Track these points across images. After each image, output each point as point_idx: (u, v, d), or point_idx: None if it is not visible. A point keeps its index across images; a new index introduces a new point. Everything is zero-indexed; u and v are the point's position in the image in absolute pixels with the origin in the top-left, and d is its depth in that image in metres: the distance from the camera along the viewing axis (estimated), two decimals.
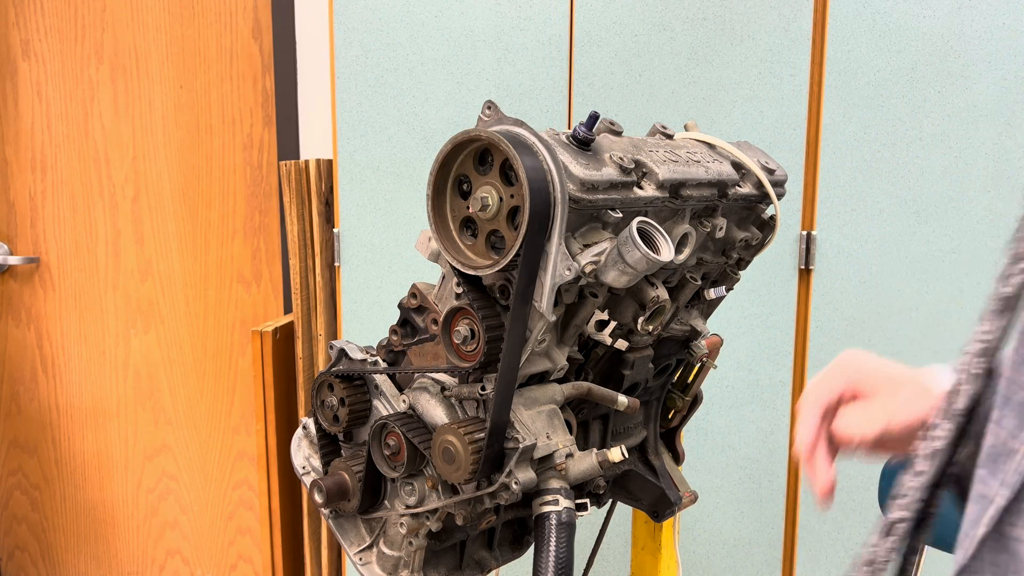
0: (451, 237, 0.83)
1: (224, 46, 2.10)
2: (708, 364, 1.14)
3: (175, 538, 2.34)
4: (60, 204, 2.22)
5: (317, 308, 1.83)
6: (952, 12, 1.50)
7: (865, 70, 1.54)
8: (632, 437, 1.13)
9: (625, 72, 1.63)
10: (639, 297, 0.89)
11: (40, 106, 2.18)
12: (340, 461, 1.00)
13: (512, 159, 0.75)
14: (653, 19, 1.60)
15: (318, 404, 0.99)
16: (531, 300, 0.80)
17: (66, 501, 2.37)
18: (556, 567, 0.84)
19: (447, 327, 0.87)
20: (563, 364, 0.91)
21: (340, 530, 1.04)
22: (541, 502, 0.87)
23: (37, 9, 2.14)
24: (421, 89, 1.71)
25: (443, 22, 1.68)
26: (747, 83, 1.58)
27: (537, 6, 1.64)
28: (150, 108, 2.15)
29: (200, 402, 2.26)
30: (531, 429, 0.87)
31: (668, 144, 0.94)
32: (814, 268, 1.60)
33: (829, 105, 1.56)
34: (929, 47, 1.51)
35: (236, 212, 2.16)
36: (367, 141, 1.74)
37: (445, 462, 0.86)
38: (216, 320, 2.22)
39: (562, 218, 0.77)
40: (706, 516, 1.71)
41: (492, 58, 1.67)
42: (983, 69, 1.50)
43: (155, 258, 2.21)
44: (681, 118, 1.60)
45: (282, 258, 2.11)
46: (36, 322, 2.28)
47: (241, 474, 2.28)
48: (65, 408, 2.31)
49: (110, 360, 2.27)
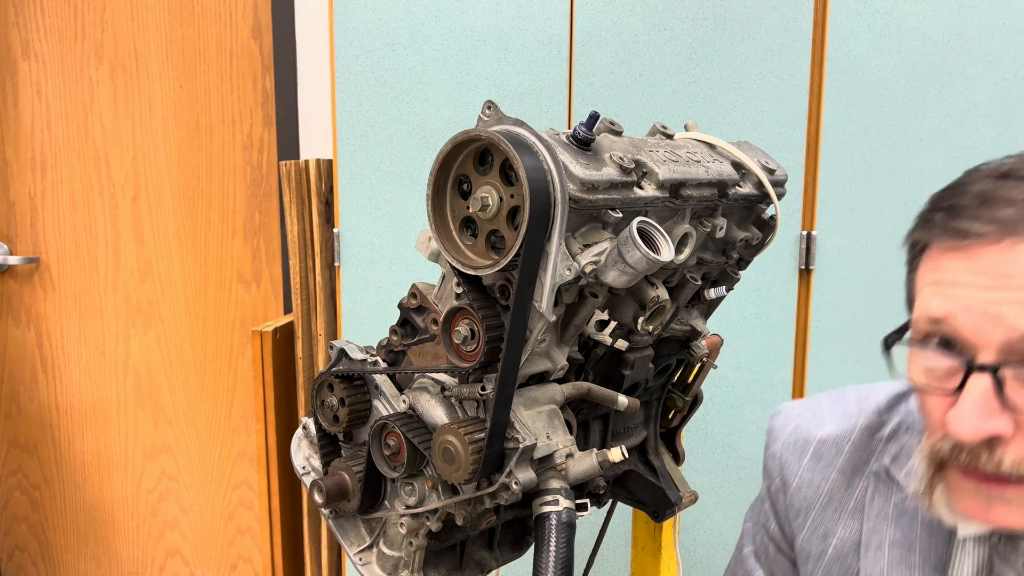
0: (451, 237, 0.83)
1: (224, 46, 2.10)
2: (708, 364, 1.14)
3: (175, 538, 2.34)
4: (60, 204, 2.22)
5: (317, 308, 1.83)
6: (952, 12, 1.50)
7: (865, 70, 1.54)
8: (632, 437, 1.13)
9: (625, 72, 1.63)
10: (639, 297, 0.89)
11: (40, 106, 2.18)
12: (340, 461, 1.00)
13: (512, 159, 0.75)
14: (653, 19, 1.60)
15: (318, 404, 0.99)
16: (531, 300, 0.80)
17: (66, 501, 2.37)
18: (556, 567, 0.84)
19: (447, 327, 0.87)
20: (563, 364, 0.91)
21: (340, 530, 1.04)
22: (541, 502, 0.87)
23: (37, 9, 2.14)
24: (421, 89, 1.71)
25: (443, 22, 1.68)
26: (747, 83, 1.58)
27: (537, 6, 1.64)
28: (150, 108, 2.15)
29: (200, 402, 2.26)
30: (531, 429, 0.87)
31: (668, 144, 0.94)
32: (814, 268, 1.60)
33: (829, 105, 1.56)
34: (929, 47, 1.51)
35: (236, 212, 2.16)
36: (367, 141, 1.74)
37: (445, 462, 0.85)
38: (216, 320, 2.22)
39: (562, 218, 0.77)
40: (706, 516, 1.71)
41: (492, 58, 1.67)
42: (983, 69, 1.50)
43: (155, 258, 2.21)
44: (681, 118, 1.60)
45: (282, 258, 2.11)
46: (36, 322, 2.28)
47: (241, 474, 2.28)
48: (65, 408, 2.31)
49: (110, 360, 2.27)
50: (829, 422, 0.86)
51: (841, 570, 0.81)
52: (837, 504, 0.82)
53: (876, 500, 0.79)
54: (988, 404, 0.60)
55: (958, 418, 0.61)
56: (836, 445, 0.84)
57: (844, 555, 0.81)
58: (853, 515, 0.81)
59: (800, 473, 0.85)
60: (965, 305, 0.62)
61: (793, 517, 0.86)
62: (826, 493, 0.83)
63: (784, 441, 0.88)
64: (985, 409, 0.60)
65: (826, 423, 0.86)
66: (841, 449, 0.83)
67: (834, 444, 0.84)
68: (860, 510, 0.80)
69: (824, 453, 0.84)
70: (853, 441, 0.83)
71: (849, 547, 0.80)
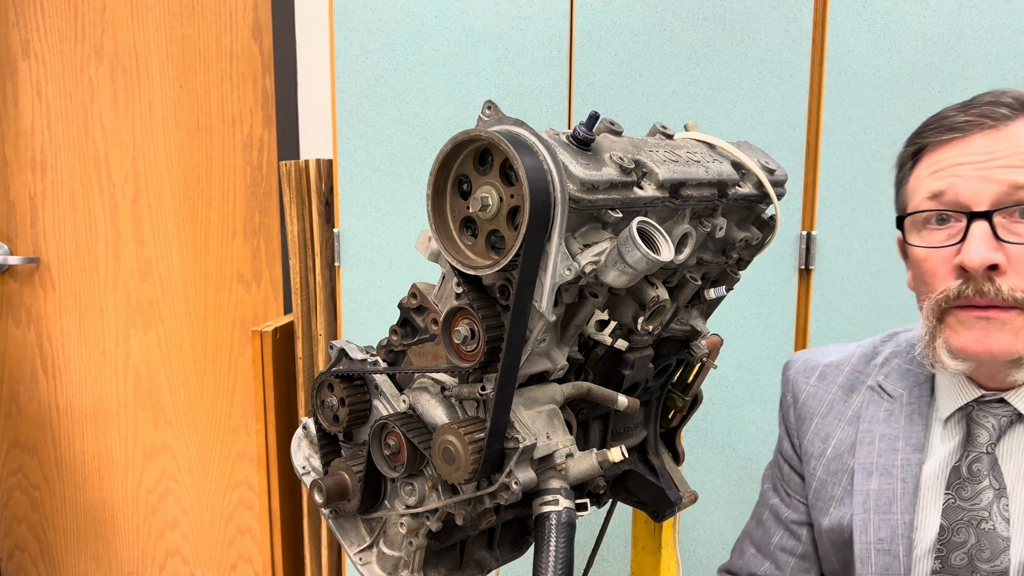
0: (451, 237, 0.83)
1: (224, 46, 2.10)
2: (708, 364, 1.14)
3: (175, 538, 2.34)
4: (60, 204, 2.22)
5: (317, 308, 1.84)
6: (952, 12, 1.50)
7: (865, 70, 1.54)
8: (632, 437, 1.13)
9: (625, 72, 1.63)
10: (639, 297, 0.89)
11: (40, 106, 2.18)
12: (340, 461, 1.00)
13: (512, 159, 0.75)
14: (653, 19, 1.60)
15: (318, 404, 0.99)
16: (531, 300, 0.80)
17: (66, 501, 2.37)
18: (556, 567, 0.84)
19: (447, 327, 0.87)
20: (563, 364, 0.91)
21: (340, 530, 1.04)
22: (541, 502, 0.87)
23: (37, 9, 2.14)
24: (421, 89, 1.71)
25: (443, 22, 1.68)
26: (747, 83, 1.58)
27: (537, 6, 1.64)
28: (150, 108, 2.16)
29: (200, 402, 2.26)
30: (531, 429, 0.87)
31: (668, 144, 0.94)
32: (814, 268, 1.60)
33: (829, 105, 1.56)
34: (929, 47, 1.51)
35: (236, 212, 2.17)
36: (367, 141, 1.74)
37: (445, 462, 0.85)
38: (216, 320, 2.22)
39: (562, 218, 0.77)
40: (706, 516, 1.71)
41: (492, 58, 1.67)
42: (983, 69, 1.50)
43: (155, 258, 2.21)
44: (681, 118, 1.60)
45: (282, 258, 2.11)
46: (36, 322, 2.28)
47: (241, 474, 2.28)
48: (65, 408, 2.31)
49: (110, 360, 2.27)
50: (835, 353, 1.06)
51: (838, 466, 0.98)
52: (837, 413, 1.01)
53: (870, 407, 0.98)
54: (989, 241, 0.81)
55: (968, 253, 0.81)
56: (838, 367, 1.04)
57: (840, 454, 0.98)
58: (851, 422, 0.99)
59: (807, 389, 1.05)
60: (961, 176, 0.83)
61: (799, 424, 1.04)
62: (827, 403, 1.02)
63: (796, 367, 1.07)
64: (987, 244, 0.81)
65: (832, 354, 1.06)
66: (842, 370, 1.03)
67: (836, 367, 1.04)
68: (856, 418, 0.99)
69: (828, 373, 1.04)
70: (852, 364, 1.03)
71: (845, 447, 0.98)
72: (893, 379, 0.98)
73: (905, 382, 0.97)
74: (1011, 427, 0.88)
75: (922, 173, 0.88)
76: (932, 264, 0.86)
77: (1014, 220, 0.82)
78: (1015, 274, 0.81)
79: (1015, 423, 0.88)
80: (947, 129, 0.86)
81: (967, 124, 0.84)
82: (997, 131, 0.83)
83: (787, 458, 1.07)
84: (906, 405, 0.95)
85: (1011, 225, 0.82)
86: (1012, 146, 0.82)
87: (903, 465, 0.92)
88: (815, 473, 1.00)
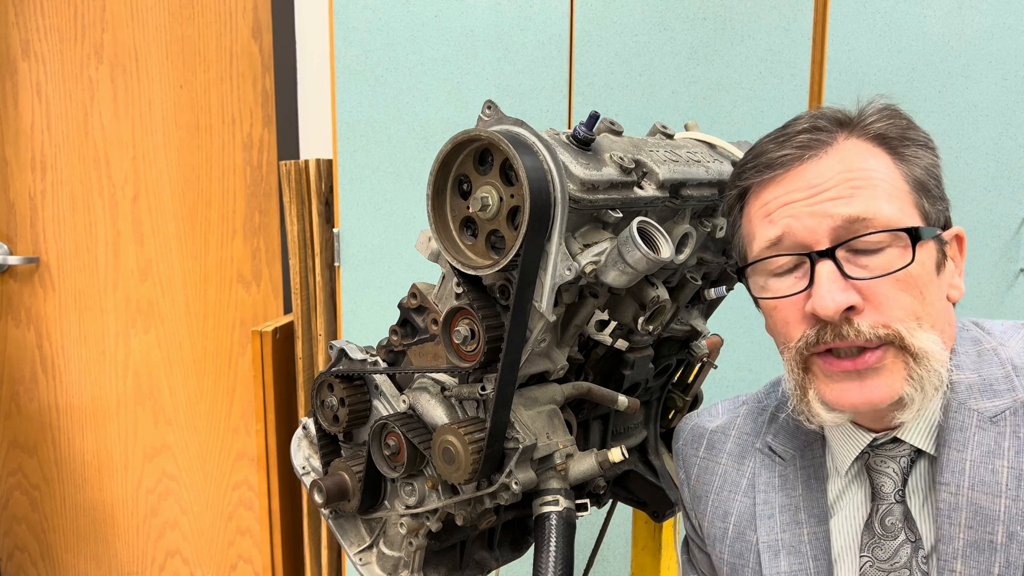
0: (451, 237, 0.83)
1: (224, 46, 2.10)
2: (708, 364, 1.14)
3: (175, 538, 2.34)
4: (60, 204, 2.22)
5: (317, 308, 1.83)
6: (952, 12, 1.50)
7: (865, 70, 1.54)
8: (632, 437, 1.13)
9: (625, 72, 1.63)
10: (639, 297, 0.89)
11: (40, 106, 2.18)
12: (340, 461, 1.00)
13: (512, 159, 0.75)
14: (653, 19, 1.60)
15: (318, 404, 0.99)
16: (531, 300, 0.80)
17: (66, 501, 2.37)
18: (556, 567, 0.84)
19: (447, 327, 0.87)
20: (563, 364, 0.91)
21: (340, 530, 1.04)
22: (541, 502, 0.87)
23: (37, 9, 2.14)
24: (421, 89, 1.70)
25: (443, 22, 1.68)
26: (747, 83, 1.58)
27: (537, 6, 1.64)
28: (150, 108, 2.15)
29: (200, 402, 2.26)
30: (531, 429, 0.87)
31: (668, 144, 0.94)
32: None
33: (829, 105, 1.56)
34: (929, 47, 1.51)
35: (236, 212, 2.16)
36: (367, 141, 1.74)
37: (445, 462, 0.85)
38: (216, 320, 2.22)
39: (562, 218, 0.77)
40: None
41: (492, 58, 1.67)
42: (983, 69, 1.50)
43: (155, 258, 2.21)
44: (681, 118, 1.60)
45: (282, 258, 2.11)
46: (36, 322, 2.28)
47: (241, 474, 2.28)
48: (65, 408, 2.31)
49: (110, 360, 2.27)
50: (722, 414, 0.97)
51: (743, 545, 0.89)
52: (731, 485, 0.92)
53: (763, 474, 0.89)
54: (837, 282, 0.74)
55: (819, 299, 0.74)
56: (724, 433, 0.95)
57: (742, 531, 0.90)
58: (746, 492, 0.91)
59: (697, 463, 0.96)
60: (793, 216, 0.77)
61: (696, 504, 0.95)
62: (720, 476, 0.94)
63: (684, 439, 0.98)
64: (836, 286, 0.74)
65: (719, 415, 0.97)
66: (728, 435, 0.95)
67: (723, 432, 0.95)
68: (752, 487, 0.90)
69: (715, 442, 0.95)
70: (738, 427, 0.95)
71: (746, 521, 0.90)
72: (782, 438, 0.90)
73: (795, 441, 0.89)
74: (912, 467, 0.81)
75: (753, 218, 0.81)
76: (783, 313, 0.79)
77: (858, 254, 0.75)
78: (873, 310, 0.74)
79: (916, 461, 0.81)
80: (766, 167, 0.79)
81: (787, 159, 0.78)
82: (819, 159, 0.78)
83: (694, 539, 0.99)
84: (801, 469, 0.87)
85: (856, 259, 0.75)
86: (838, 173, 0.76)
87: (811, 541, 0.84)
88: (723, 556, 0.91)
